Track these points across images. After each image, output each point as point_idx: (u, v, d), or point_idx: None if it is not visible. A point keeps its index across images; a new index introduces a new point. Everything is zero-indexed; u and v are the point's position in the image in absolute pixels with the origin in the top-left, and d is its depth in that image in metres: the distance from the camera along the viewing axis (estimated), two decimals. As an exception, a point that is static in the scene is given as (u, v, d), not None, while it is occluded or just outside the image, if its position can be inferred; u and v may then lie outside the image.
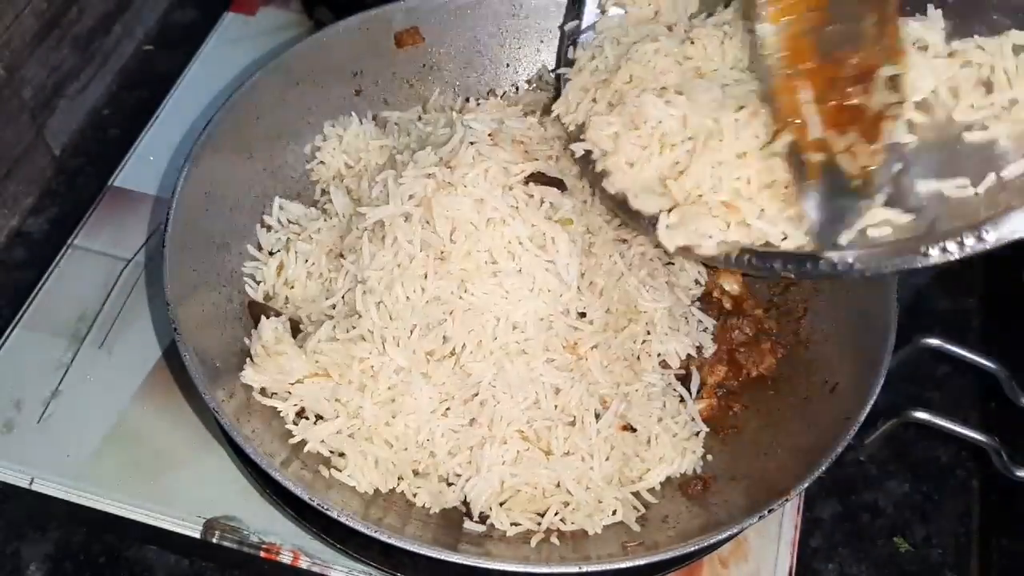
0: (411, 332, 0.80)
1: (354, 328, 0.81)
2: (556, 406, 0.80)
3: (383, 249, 0.81)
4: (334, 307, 0.86)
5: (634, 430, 0.83)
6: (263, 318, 0.85)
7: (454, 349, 0.80)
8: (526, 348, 0.80)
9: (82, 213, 1.04)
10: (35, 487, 0.86)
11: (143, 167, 1.07)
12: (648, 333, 0.86)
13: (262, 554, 0.84)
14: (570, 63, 0.94)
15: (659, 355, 0.87)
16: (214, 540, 0.84)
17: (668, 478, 0.84)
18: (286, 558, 0.84)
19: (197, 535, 0.84)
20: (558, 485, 0.80)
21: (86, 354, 0.94)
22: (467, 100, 1.04)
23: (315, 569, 0.84)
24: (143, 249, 1.01)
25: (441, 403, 0.80)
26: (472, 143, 0.83)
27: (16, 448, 0.88)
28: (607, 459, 0.81)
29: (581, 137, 0.88)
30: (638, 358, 0.86)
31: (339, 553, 0.82)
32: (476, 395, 0.80)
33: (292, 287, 0.89)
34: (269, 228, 0.93)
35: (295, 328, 0.85)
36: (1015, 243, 0.69)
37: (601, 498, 0.80)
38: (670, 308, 0.88)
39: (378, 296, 0.80)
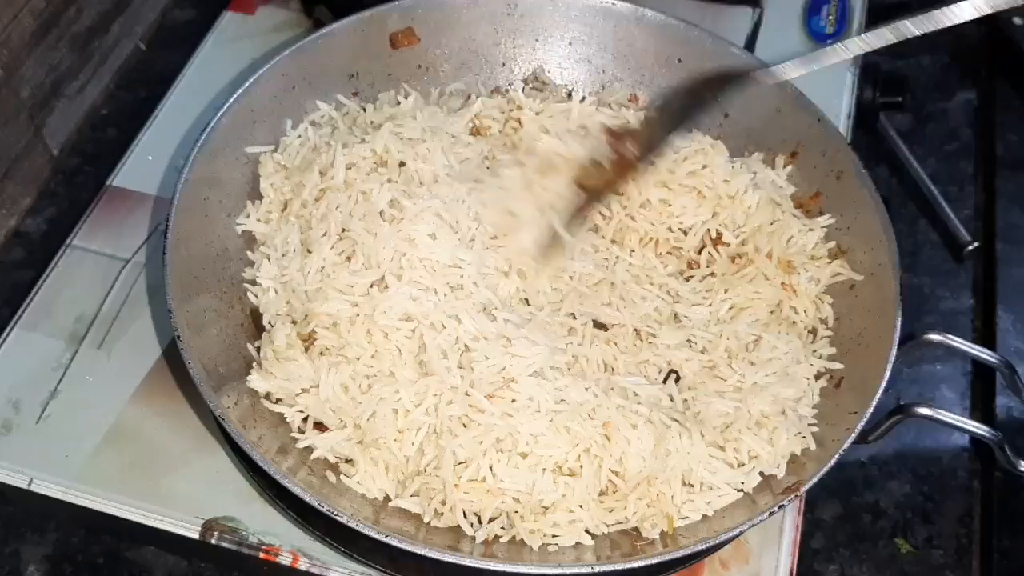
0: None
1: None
2: (568, 429, 0.78)
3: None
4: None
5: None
6: (277, 323, 0.84)
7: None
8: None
9: (80, 213, 1.03)
10: (34, 488, 0.86)
11: (142, 167, 1.06)
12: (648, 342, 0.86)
13: (261, 555, 0.83)
14: None
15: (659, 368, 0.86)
16: (213, 541, 0.84)
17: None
18: (285, 559, 0.83)
19: (196, 536, 0.84)
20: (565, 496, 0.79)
21: (85, 354, 0.94)
22: (467, 98, 1.02)
23: (314, 570, 0.83)
24: (142, 249, 1.01)
25: (449, 429, 0.79)
26: None
27: (15, 449, 0.88)
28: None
29: None
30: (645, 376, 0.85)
31: (340, 555, 0.82)
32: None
33: (291, 296, 0.88)
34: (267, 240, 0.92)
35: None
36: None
37: (610, 507, 0.79)
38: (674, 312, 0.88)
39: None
